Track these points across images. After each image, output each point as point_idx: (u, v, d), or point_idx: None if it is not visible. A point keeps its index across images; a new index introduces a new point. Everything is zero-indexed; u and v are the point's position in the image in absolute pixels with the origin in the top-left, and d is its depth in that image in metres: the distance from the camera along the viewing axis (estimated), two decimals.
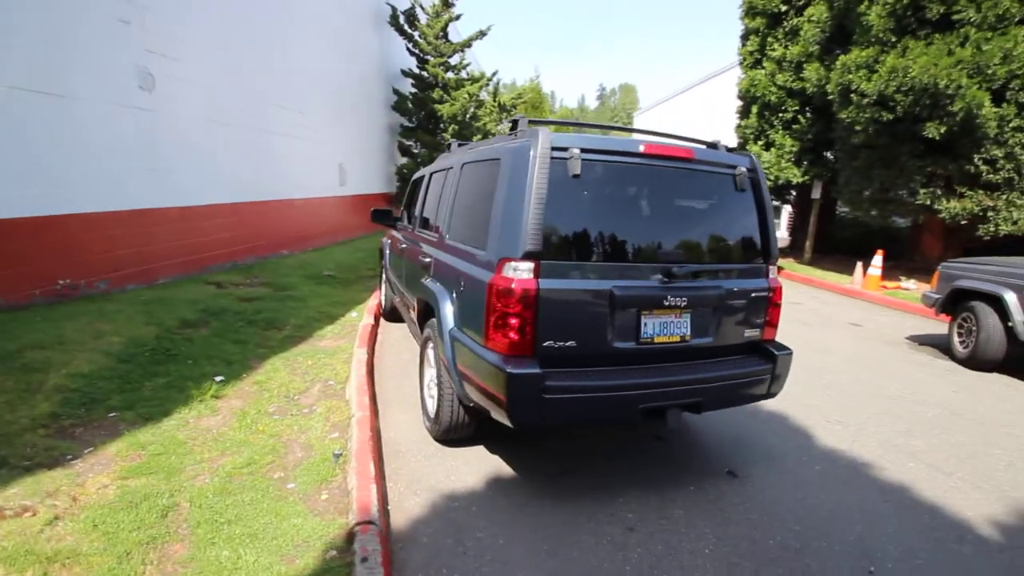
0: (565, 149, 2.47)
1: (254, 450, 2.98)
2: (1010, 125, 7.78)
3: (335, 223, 11.88)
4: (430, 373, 3.36)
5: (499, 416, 2.54)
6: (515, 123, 2.79)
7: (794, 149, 12.01)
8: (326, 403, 3.70)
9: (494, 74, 15.78)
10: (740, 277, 2.86)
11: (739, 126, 13.52)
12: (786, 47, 11.90)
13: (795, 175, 12.03)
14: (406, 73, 15.07)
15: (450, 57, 15.24)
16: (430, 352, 3.44)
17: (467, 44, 15.30)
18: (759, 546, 2.43)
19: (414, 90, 15.23)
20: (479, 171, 3.03)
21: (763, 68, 12.57)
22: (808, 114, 11.86)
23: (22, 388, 3.25)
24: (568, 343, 2.47)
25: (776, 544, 2.44)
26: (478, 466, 3.03)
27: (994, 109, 7.72)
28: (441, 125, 15.02)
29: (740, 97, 13.50)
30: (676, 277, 2.63)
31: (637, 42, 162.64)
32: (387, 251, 5.77)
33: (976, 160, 8.20)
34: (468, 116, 15.62)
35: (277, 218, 9.29)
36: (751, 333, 2.92)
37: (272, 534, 2.27)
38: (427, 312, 3.53)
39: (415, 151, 15.55)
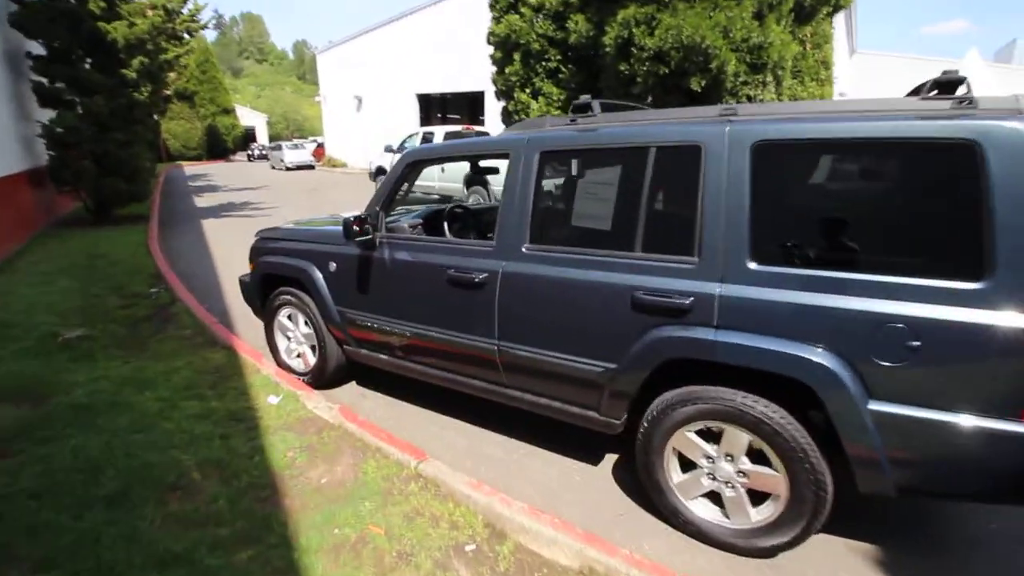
0: None
1: None
2: (740, 80, 9.99)
3: None
4: (700, 472, 2.37)
5: None
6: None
7: (561, 97, 12.74)
8: (494, 552, 2.06)
9: None
10: None
11: (502, 73, 13.44)
12: None
13: None
14: None
15: None
16: (691, 438, 2.33)
17: None
18: None
19: None
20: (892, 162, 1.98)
21: (521, 14, 12.60)
22: (570, 65, 12.61)
23: None
24: None
25: None
26: None
27: (733, 66, 9.72)
28: (118, 57, 9.91)
29: (496, 44, 13.33)
30: None
31: None
32: (321, 283, 3.54)
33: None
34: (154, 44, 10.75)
35: None
36: None
37: None
38: (655, 383, 2.36)
39: (70, 97, 9.93)
